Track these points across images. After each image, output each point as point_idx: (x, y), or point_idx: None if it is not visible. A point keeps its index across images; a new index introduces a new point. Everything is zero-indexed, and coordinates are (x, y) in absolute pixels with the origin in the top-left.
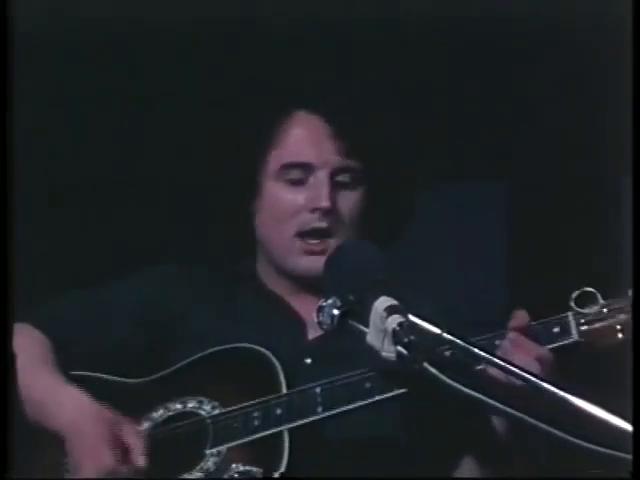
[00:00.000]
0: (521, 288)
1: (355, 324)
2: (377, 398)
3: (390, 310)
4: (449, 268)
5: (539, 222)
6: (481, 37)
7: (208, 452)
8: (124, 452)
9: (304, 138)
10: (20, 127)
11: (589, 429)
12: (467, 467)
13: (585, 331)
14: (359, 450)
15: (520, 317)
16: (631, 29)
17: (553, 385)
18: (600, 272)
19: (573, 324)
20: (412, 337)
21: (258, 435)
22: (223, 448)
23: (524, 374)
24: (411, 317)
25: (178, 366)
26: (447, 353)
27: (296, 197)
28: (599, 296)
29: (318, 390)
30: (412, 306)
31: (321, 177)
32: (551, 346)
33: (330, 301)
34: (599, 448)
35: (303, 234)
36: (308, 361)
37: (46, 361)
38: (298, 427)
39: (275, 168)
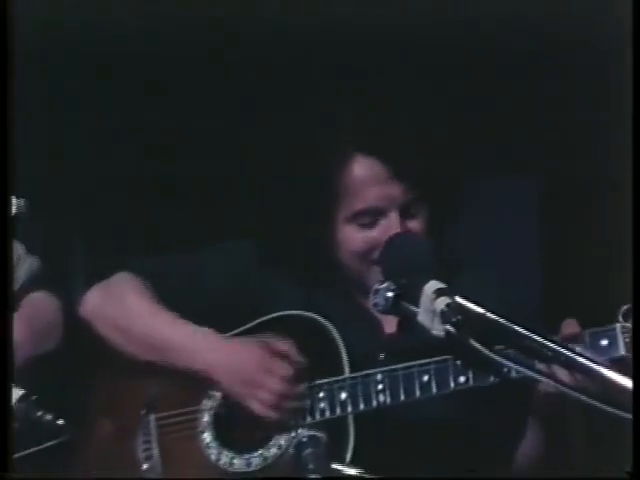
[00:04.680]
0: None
1: (407, 305)
2: (434, 391)
3: (439, 292)
4: (486, 263)
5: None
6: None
7: (279, 430)
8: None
9: (370, 183)
10: (20, 127)
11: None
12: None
13: (629, 345)
14: (423, 434)
15: (571, 326)
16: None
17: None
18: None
19: (620, 337)
20: (459, 317)
21: (327, 417)
22: (292, 424)
23: (564, 350)
24: (457, 298)
25: (249, 325)
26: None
27: (370, 236)
28: None
29: (379, 377)
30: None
31: (392, 217)
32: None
33: (385, 285)
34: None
35: None
36: (382, 356)
37: (161, 307)
38: (362, 412)
39: (347, 215)
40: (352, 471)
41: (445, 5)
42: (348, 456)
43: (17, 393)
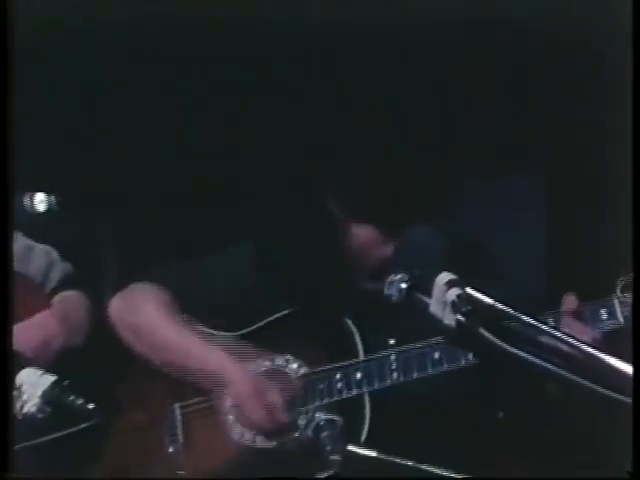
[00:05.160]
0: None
1: (420, 296)
2: (445, 367)
3: (450, 284)
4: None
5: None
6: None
7: (298, 410)
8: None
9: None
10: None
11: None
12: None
13: (628, 317)
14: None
15: (571, 301)
16: (631, 29)
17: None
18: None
19: (618, 309)
20: (469, 307)
21: (344, 396)
22: (311, 406)
23: (569, 339)
24: (468, 290)
25: (266, 321)
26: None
27: (371, 265)
28: None
29: (393, 357)
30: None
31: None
32: (599, 330)
33: (399, 276)
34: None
35: None
36: (392, 342)
37: (178, 318)
38: (377, 390)
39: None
40: (367, 452)
41: (445, 5)
42: (363, 436)
43: (50, 379)
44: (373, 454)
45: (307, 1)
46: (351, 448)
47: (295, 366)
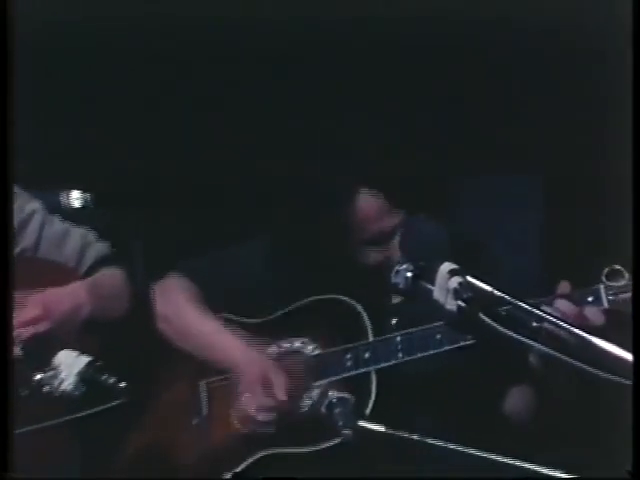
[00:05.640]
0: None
1: (424, 284)
2: (446, 348)
3: (452, 272)
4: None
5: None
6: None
7: (314, 385)
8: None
9: (377, 211)
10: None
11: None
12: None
13: (613, 300)
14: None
15: (565, 286)
16: (631, 29)
17: (587, 332)
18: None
19: (604, 295)
20: (470, 294)
21: (352, 373)
22: (324, 382)
23: (560, 322)
24: (469, 278)
25: (284, 310)
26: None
27: (378, 255)
28: (625, 272)
29: (399, 339)
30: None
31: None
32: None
33: (404, 266)
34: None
35: None
36: (394, 322)
37: (202, 306)
38: (382, 368)
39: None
40: (376, 427)
41: (445, 5)
42: (369, 409)
43: (85, 359)
44: (382, 429)
45: (307, 1)
46: (361, 423)
47: (311, 348)
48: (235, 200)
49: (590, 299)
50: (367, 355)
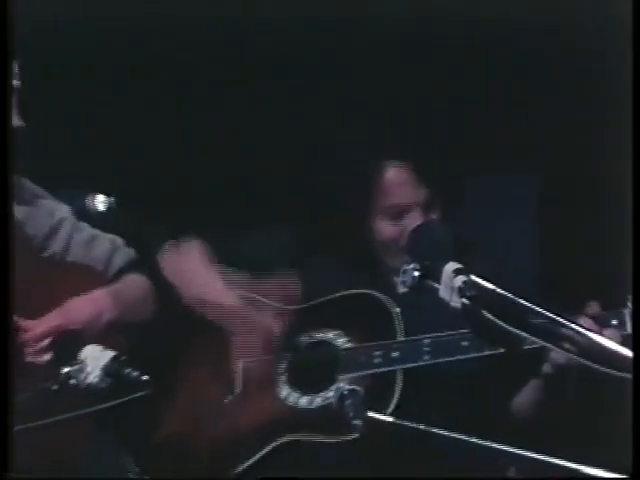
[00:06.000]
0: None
1: (430, 282)
2: (472, 355)
3: (457, 272)
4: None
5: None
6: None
7: (339, 377)
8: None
9: (401, 185)
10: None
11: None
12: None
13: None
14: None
15: (594, 307)
16: (631, 29)
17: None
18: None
19: (628, 319)
20: (473, 292)
21: (379, 370)
22: (350, 376)
23: (560, 319)
24: (472, 277)
25: (320, 301)
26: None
27: (397, 230)
28: None
29: (427, 341)
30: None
31: (414, 215)
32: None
33: (412, 265)
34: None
35: None
36: (397, 310)
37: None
38: (409, 369)
39: (380, 209)
40: (385, 418)
41: (445, 5)
42: (391, 407)
43: (110, 354)
44: (390, 419)
45: (307, 1)
46: (370, 414)
47: (343, 340)
48: (235, 200)
49: (614, 322)
50: (395, 354)
